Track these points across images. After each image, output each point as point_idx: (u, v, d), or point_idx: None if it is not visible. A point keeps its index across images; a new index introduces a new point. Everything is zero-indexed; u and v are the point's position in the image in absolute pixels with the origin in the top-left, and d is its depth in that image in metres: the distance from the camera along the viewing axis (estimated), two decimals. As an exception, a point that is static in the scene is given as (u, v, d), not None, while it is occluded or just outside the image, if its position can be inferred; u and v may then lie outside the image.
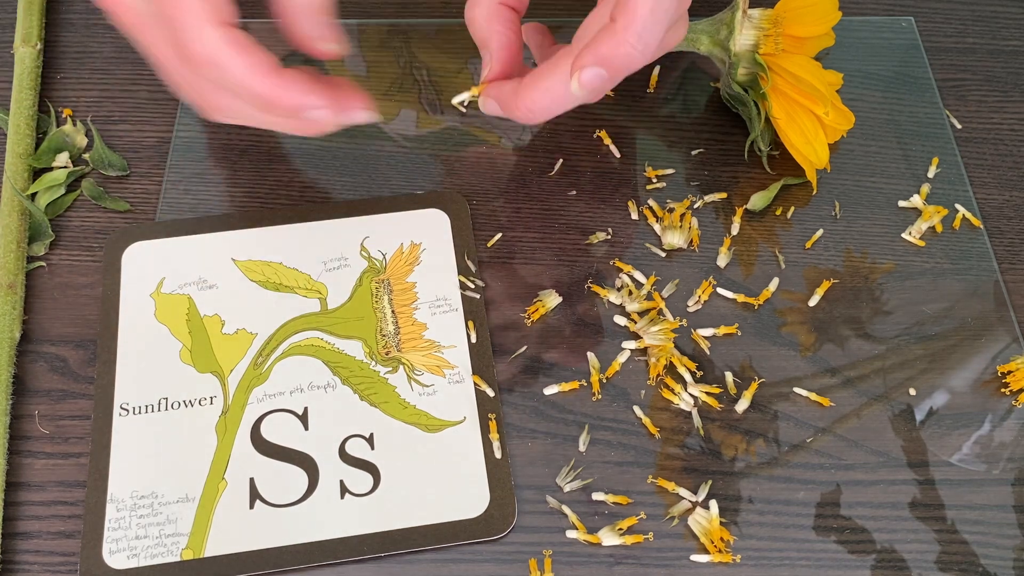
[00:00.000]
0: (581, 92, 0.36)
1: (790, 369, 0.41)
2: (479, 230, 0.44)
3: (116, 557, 0.35)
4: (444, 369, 0.40)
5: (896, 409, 0.40)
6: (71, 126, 0.45)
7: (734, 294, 0.42)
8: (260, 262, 0.42)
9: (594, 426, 0.39)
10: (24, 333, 0.40)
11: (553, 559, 0.36)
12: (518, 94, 0.38)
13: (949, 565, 0.37)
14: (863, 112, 0.48)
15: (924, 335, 0.42)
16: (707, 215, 0.45)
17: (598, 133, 0.47)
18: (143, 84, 0.48)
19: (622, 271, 0.43)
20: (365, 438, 0.38)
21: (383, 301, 0.41)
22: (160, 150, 0.46)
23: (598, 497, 0.38)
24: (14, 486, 0.37)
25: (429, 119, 0.47)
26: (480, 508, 0.37)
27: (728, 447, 0.39)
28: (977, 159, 0.47)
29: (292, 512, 0.37)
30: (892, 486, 0.38)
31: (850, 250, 0.44)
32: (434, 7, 0.51)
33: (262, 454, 0.38)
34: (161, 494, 0.37)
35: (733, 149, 0.47)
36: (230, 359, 0.40)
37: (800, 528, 0.37)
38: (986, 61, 0.50)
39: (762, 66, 0.42)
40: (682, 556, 0.36)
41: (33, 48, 0.47)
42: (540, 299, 0.42)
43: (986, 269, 0.43)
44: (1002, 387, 0.40)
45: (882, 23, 0.51)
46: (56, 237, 0.43)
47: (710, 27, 0.44)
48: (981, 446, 0.39)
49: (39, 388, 0.39)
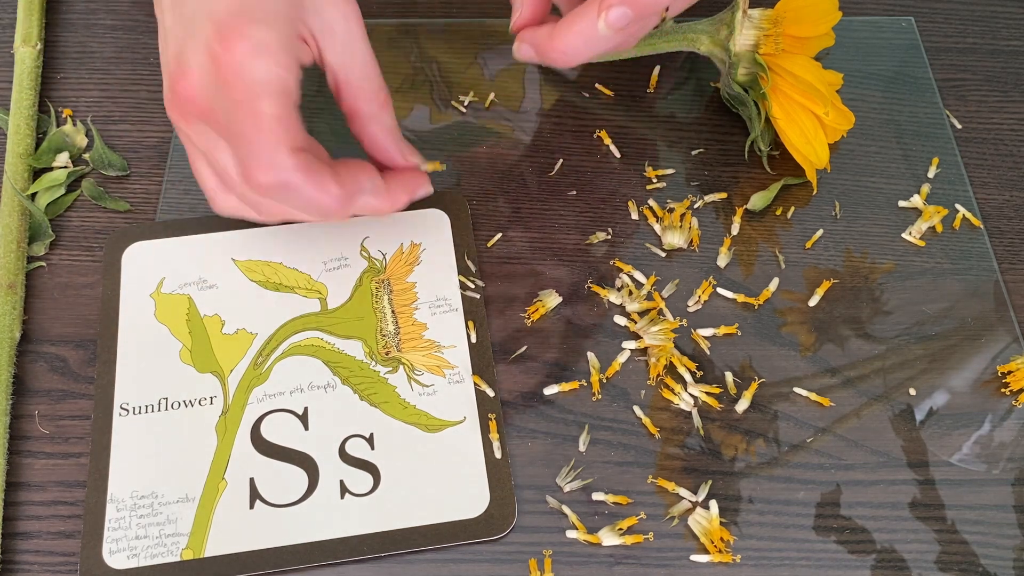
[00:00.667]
0: (608, 32, 0.37)
1: (790, 369, 0.41)
2: (479, 230, 0.44)
3: (116, 557, 0.35)
4: (444, 369, 0.40)
5: (896, 409, 0.40)
6: (71, 126, 0.45)
7: (734, 294, 0.42)
8: (260, 262, 0.42)
9: (594, 426, 0.39)
10: (24, 333, 0.40)
11: (553, 559, 0.36)
12: (552, 37, 0.39)
13: (949, 565, 0.37)
14: (863, 112, 0.48)
15: (924, 335, 0.42)
16: (707, 215, 0.45)
17: (598, 133, 0.47)
18: (143, 84, 0.48)
19: (622, 271, 0.43)
20: (365, 438, 0.38)
21: (383, 301, 0.41)
22: (160, 150, 0.46)
23: (598, 497, 0.38)
24: (14, 486, 0.37)
25: (440, 115, 0.47)
26: (480, 508, 0.37)
27: (728, 447, 0.39)
28: (977, 159, 0.47)
29: (292, 512, 0.37)
30: (892, 486, 0.38)
31: (850, 250, 0.44)
32: (434, 7, 0.51)
33: (262, 454, 0.38)
34: (161, 494, 0.37)
35: (733, 149, 0.47)
36: (230, 359, 0.40)
37: (800, 528, 0.37)
38: (986, 61, 0.50)
39: (762, 66, 0.42)
40: (682, 556, 0.37)
41: (33, 48, 0.47)
42: (540, 299, 0.42)
43: (986, 269, 0.43)
44: (1002, 387, 0.40)
45: (882, 23, 0.51)
46: (56, 237, 0.43)
47: (710, 27, 0.44)
48: (981, 446, 0.39)
49: (39, 388, 0.39)
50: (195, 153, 0.37)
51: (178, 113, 0.35)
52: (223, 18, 0.33)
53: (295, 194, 0.34)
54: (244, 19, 0.33)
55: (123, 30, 0.50)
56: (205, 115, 0.34)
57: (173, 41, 0.35)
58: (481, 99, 0.48)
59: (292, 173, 0.33)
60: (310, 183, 0.34)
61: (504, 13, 0.51)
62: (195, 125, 0.35)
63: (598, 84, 0.48)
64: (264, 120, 0.33)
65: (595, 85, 0.48)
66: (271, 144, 0.33)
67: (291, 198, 0.34)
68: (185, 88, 0.34)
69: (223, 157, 0.35)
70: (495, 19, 0.50)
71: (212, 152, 0.35)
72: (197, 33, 0.33)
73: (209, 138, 0.35)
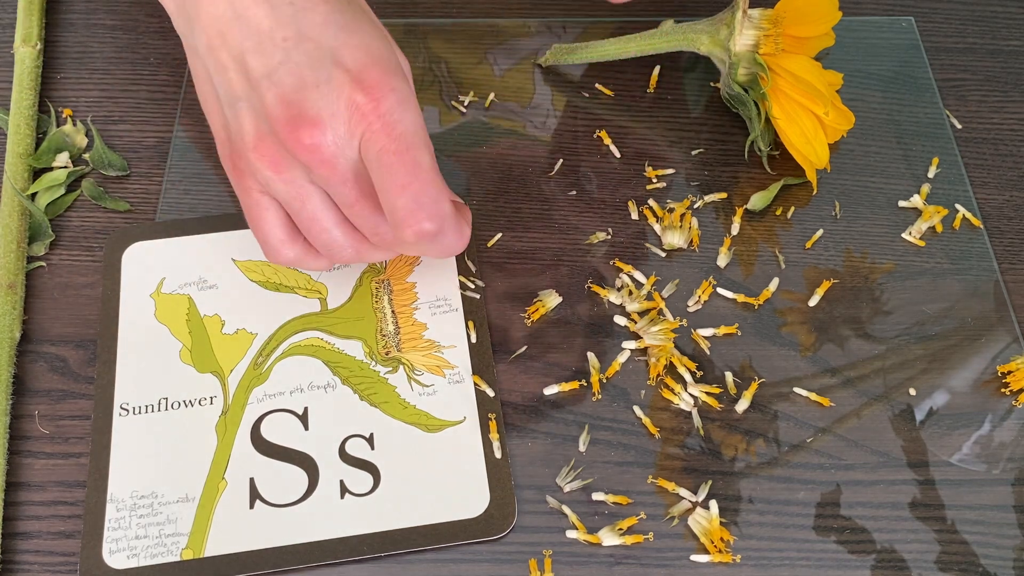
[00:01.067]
0: None
1: (790, 369, 0.41)
2: (479, 230, 0.44)
3: (116, 557, 0.35)
4: (444, 369, 0.40)
5: (896, 409, 0.40)
6: (71, 126, 0.45)
7: (734, 294, 0.42)
8: (260, 262, 0.42)
9: (594, 426, 0.39)
10: (24, 333, 0.40)
11: (553, 559, 0.36)
12: None
13: (949, 565, 0.37)
14: (863, 112, 0.48)
15: (924, 335, 0.42)
16: (707, 215, 0.45)
17: (598, 133, 0.47)
18: (143, 84, 0.48)
19: (622, 271, 0.43)
20: (365, 438, 0.38)
21: (383, 301, 0.41)
22: (160, 150, 0.46)
23: (598, 497, 0.37)
24: (14, 486, 0.37)
25: (450, 115, 0.47)
26: (480, 508, 0.37)
27: (728, 447, 0.39)
28: (977, 159, 0.47)
29: (292, 512, 0.37)
30: (892, 486, 0.38)
31: (850, 250, 0.44)
32: (433, 7, 0.51)
33: (262, 454, 0.38)
34: (161, 494, 0.37)
35: (733, 149, 0.47)
36: (230, 359, 0.40)
37: (800, 528, 0.37)
38: (986, 61, 0.50)
39: (762, 66, 0.42)
40: (682, 556, 0.36)
41: (33, 48, 0.47)
42: (540, 299, 0.42)
43: (986, 269, 0.43)
44: (1002, 387, 0.40)
45: (882, 23, 0.51)
46: (56, 237, 0.43)
47: (710, 27, 0.44)
48: (981, 446, 0.39)
49: (39, 388, 0.39)
50: (264, 203, 0.36)
51: (269, 163, 0.34)
52: (361, 69, 0.33)
53: (440, 240, 0.35)
54: (382, 70, 0.33)
55: (123, 30, 0.50)
56: (326, 165, 0.33)
57: (270, 86, 0.33)
58: (481, 99, 0.48)
59: (451, 221, 0.35)
60: (458, 230, 0.36)
61: (504, 13, 0.51)
62: (290, 172, 0.34)
63: (598, 84, 0.48)
64: (424, 171, 0.33)
65: (595, 85, 0.48)
66: (435, 193, 0.34)
67: (435, 245, 0.35)
68: (312, 136, 0.33)
69: (312, 205, 0.35)
70: (497, 19, 0.50)
71: (300, 200, 0.35)
72: (320, 81, 0.33)
73: (300, 187, 0.34)
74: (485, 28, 0.50)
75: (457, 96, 0.48)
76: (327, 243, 0.36)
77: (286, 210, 0.36)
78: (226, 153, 0.36)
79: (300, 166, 0.34)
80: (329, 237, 0.36)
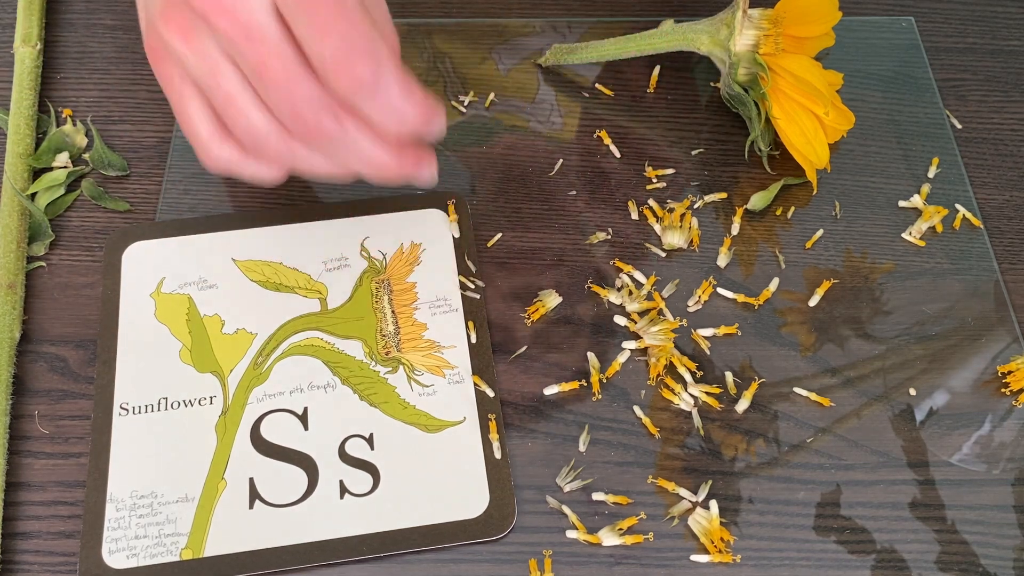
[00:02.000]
0: None
1: (790, 369, 0.41)
2: (479, 230, 0.44)
3: (116, 557, 0.35)
4: (444, 369, 0.40)
5: (896, 409, 0.40)
6: (71, 126, 0.45)
7: (734, 294, 0.42)
8: (260, 262, 0.42)
9: (594, 426, 0.39)
10: (24, 333, 0.40)
11: (553, 559, 0.36)
12: None
13: (949, 565, 0.37)
14: (863, 112, 0.48)
15: (924, 335, 0.42)
16: (707, 215, 0.45)
17: (598, 133, 0.47)
18: (143, 84, 0.48)
19: (622, 271, 0.43)
20: (365, 438, 0.38)
21: (383, 301, 0.41)
22: (160, 150, 0.46)
23: (598, 497, 0.37)
24: (14, 486, 0.37)
25: (450, 114, 0.47)
26: (480, 508, 0.37)
27: (728, 447, 0.39)
28: (977, 159, 0.47)
29: (292, 512, 0.37)
30: (892, 486, 0.38)
31: (850, 250, 0.44)
32: (432, 7, 0.51)
33: (262, 454, 0.38)
34: (161, 494, 0.37)
35: (733, 149, 0.47)
36: (230, 359, 0.40)
37: (800, 528, 0.37)
38: (986, 61, 0.50)
39: (762, 66, 0.42)
40: (682, 556, 0.36)
41: (33, 48, 0.47)
42: (540, 299, 0.42)
43: (986, 269, 0.43)
44: (1002, 387, 0.40)
45: (882, 23, 0.51)
46: (56, 237, 0.43)
47: (710, 27, 0.44)
48: (981, 446, 0.39)
49: (39, 388, 0.39)
50: (187, 92, 0.33)
51: (176, 30, 0.31)
52: None
53: (384, 95, 0.31)
54: None
55: (123, 30, 0.50)
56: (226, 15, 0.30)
57: None
58: (481, 99, 0.48)
59: (391, 66, 0.30)
60: (402, 83, 0.31)
61: (504, 13, 0.51)
62: (199, 41, 0.31)
63: (598, 84, 0.48)
64: (350, 10, 0.30)
65: (595, 85, 0.48)
66: (367, 35, 0.30)
67: (376, 102, 0.31)
68: None
69: (226, 83, 0.31)
70: (497, 19, 0.50)
71: (214, 76, 0.31)
72: None
73: (212, 61, 0.31)
74: (487, 27, 0.50)
75: (461, 94, 0.48)
76: (248, 131, 0.32)
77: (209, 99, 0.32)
78: (148, 42, 0.33)
79: (210, 34, 0.31)
80: (248, 122, 0.32)
